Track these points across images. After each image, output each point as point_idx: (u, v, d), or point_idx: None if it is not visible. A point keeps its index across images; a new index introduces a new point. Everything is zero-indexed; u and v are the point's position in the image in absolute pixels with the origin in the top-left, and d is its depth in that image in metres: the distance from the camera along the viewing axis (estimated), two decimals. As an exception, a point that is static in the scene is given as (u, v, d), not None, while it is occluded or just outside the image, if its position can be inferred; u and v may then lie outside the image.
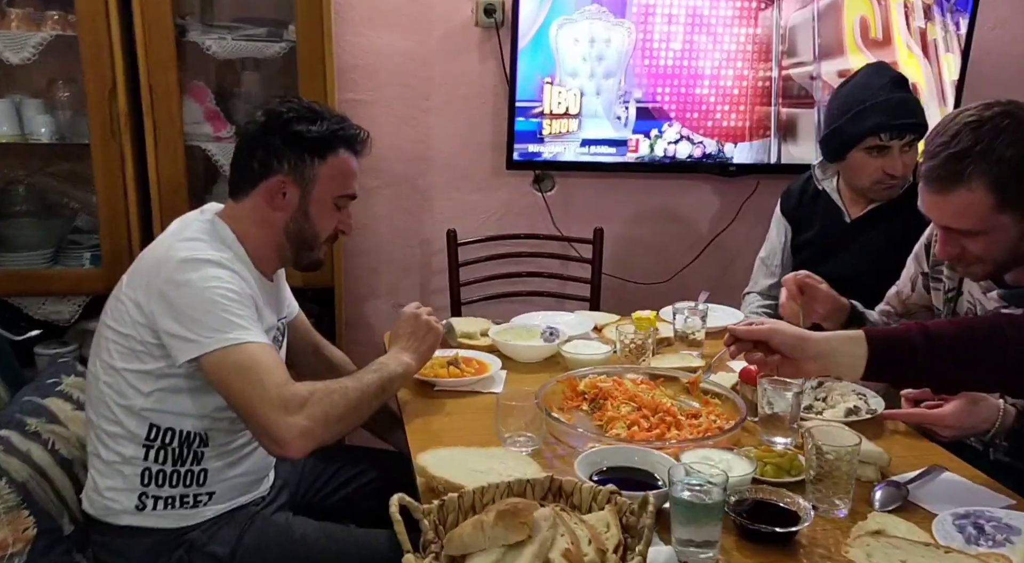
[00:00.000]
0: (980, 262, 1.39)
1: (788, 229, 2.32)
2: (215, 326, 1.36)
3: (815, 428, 1.28)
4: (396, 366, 1.53)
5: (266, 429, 1.33)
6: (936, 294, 1.66)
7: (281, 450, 1.34)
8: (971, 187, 1.29)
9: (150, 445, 1.46)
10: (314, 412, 1.35)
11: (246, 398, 1.34)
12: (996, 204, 1.30)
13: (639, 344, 1.76)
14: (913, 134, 2.03)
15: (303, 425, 1.33)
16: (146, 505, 1.46)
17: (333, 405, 1.37)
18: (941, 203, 1.35)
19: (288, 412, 1.32)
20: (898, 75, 2.08)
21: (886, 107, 2.03)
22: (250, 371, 1.34)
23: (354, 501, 1.74)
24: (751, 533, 1.16)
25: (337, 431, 1.40)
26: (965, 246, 1.37)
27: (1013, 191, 1.29)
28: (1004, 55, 2.92)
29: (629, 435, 1.44)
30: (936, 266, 1.66)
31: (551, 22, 2.62)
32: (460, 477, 1.25)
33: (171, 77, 2.27)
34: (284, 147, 1.50)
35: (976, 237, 1.35)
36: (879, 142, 2.03)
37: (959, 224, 1.35)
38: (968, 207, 1.31)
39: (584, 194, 2.93)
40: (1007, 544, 1.14)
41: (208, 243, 1.46)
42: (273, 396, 1.33)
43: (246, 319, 1.39)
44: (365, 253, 2.86)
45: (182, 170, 2.33)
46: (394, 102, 2.75)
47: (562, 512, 1.07)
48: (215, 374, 1.36)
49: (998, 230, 1.33)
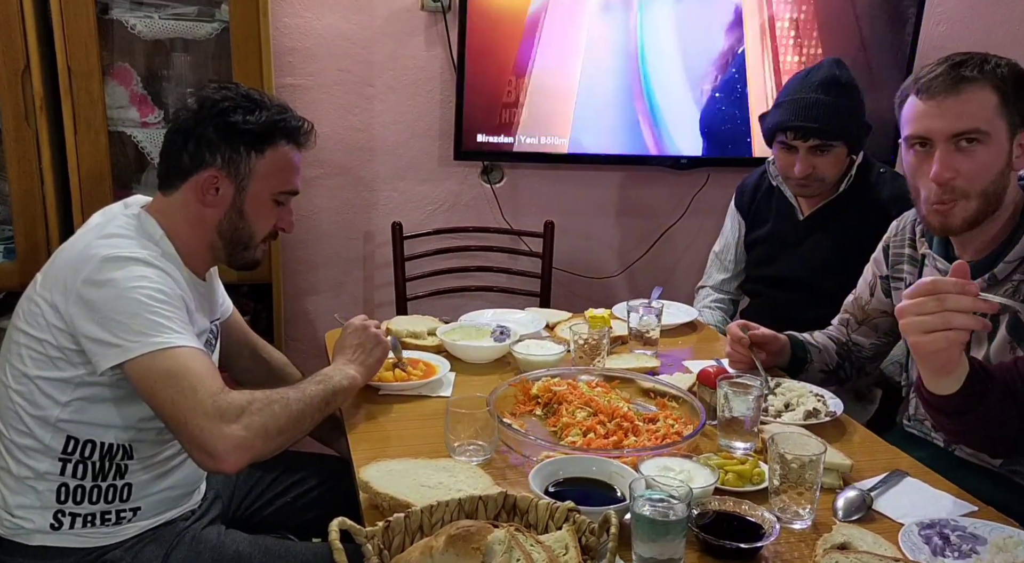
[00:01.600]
0: (965, 198, 1.38)
1: (742, 224, 2.31)
2: (141, 329, 1.25)
3: (778, 435, 1.23)
4: (342, 379, 1.44)
5: (199, 441, 1.23)
6: (898, 294, 1.65)
7: (215, 464, 1.24)
8: (978, 85, 1.35)
9: (67, 459, 1.35)
10: (252, 422, 1.25)
11: (176, 408, 1.23)
12: (999, 104, 1.35)
13: (593, 344, 1.70)
14: (818, 139, 2.01)
15: (240, 436, 1.23)
16: (63, 524, 1.35)
17: (273, 416, 1.28)
18: (948, 105, 1.36)
19: (224, 422, 1.22)
20: (832, 77, 2.04)
21: (794, 107, 2.04)
22: (180, 378, 1.24)
23: (293, 512, 1.66)
24: (715, 549, 1.11)
25: (276, 445, 1.30)
26: (960, 167, 1.37)
27: (1012, 96, 1.35)
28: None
29: (585, 443, 1.38)
30: (897, 265, 1.66)
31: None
32: (407, 493, 1.18)
33: (92, 57, 2.13)
34: (217, 139, 1.39)
35: (975, 151, 1.36)
36: (786, 140, 2.05)
37: (967, 124, 1.35)
38: (976, 104, 1.35)
39: (533, 186, 2.87)
40: (973, 555, 1.12)
41: (133, 240, 1.35)
42: (207, 405, 1.22)
43: (176, 321, 1.29)
44: (305, 247, 2.75)
45: (105, 158, 2.19)
46: (335, 88, 2.64)
47: (517, 533, 1.00)
48: (141, 382, 1.25)
49: (996, 140, 1.36)
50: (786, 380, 1.66)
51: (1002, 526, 1.18)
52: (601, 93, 2.69)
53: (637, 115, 2.73)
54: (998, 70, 1.35)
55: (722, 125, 2.79)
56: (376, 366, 1.55)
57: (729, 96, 2.77)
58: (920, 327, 1.11)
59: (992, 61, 1.37)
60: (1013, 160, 1.39)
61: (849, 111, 2.04)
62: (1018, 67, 1.38)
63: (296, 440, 1.35)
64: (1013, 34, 3.05)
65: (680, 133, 2.78)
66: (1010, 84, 1.35)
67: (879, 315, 1.73)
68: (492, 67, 2.60)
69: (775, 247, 2.21)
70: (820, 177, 2.05)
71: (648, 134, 2.76)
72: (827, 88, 2.02)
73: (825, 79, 2.03)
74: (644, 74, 2.70)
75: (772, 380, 1.63)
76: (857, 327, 1.77)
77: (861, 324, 1.76)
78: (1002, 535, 1.14)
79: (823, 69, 2.07)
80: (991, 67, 1.36)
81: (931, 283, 1.11)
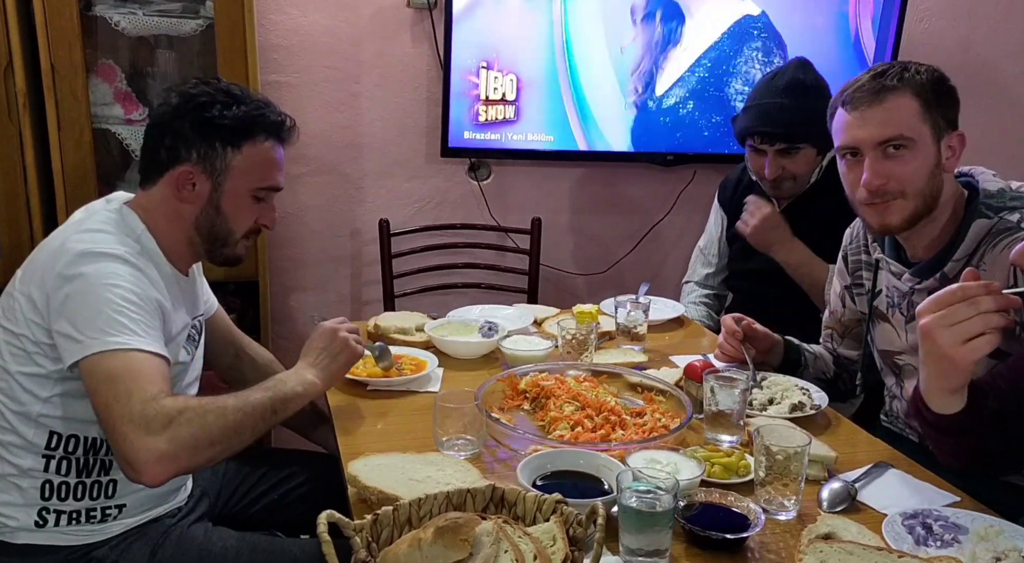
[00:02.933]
0: (900, 198, 1.41)
1: (724, 219, 2.33)
2: (101, 327, 1.22)
3: (764, 427, 1.24)
4: (296, 385, 1.36)
5: (121, 449, 1.17)
6: (860, 300, 1.68)
7: (135, 475, 1.17)
8: (900, 93, 1.40)
9: (51, 455, 1.33)
10: (178, 434, 1.17)
11: (109, 411, 1.18)
12: (921, 111, 1.39)
13: (581, 339, 1.71)
14: (784, 143, 2.03)
15: (162, 449, 1.16)
16: (47, 521, 1.34)
17: (204, 427, 1.20)
18: (872, 115, 1.40)
19: (148, 433, 1.16)
20: (796, 81, 2.06)
21: (759, 112, 2.07)
22: (119, 382, 1.19)
23: (281, 508, 1.65)
24: (701, 540, 1.11)
25: (207, 457, 1.23)
26: (890, 172, 1.40)
27: (933, 101, 1.40)
28: (936, 48, 2.98)
29: (573, 437, 1.39)
30: (856, 273, 1.68)
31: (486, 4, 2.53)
32: (395, 487, 1.18)
33: (75, 54, 2.11)
34: (193, 134, 1.37)
35: (903, 157, 1.39)
36: (754, 144, 2.09)
37: (892, 131, 1.39)
38: (899, 110, 1.39)
39: (521, 183, 2.87)
40: (955, 544, 1.13)
41: (112, 235, 1.33)
42: (135, 412, 1.17)
43: (140, 324, 1.25)
44: (291, 244, 2.74)
45: (89, 155, 2.18)
46: (321, 85, 2.63)
47: (505, 525, 1.00)
48: (87, 380, 1.22)
49: (922, 145, 1.40)
50: (772, 374, 1.67)
51: (983, 515, 1.19)
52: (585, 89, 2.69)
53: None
54: (918, 77, 1.40)
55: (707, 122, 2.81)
56: (340, 372, 1.47)
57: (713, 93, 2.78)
58: (960, 336, 1.08)
59: (912, 68, 1.41)
60: (943, 161, 1.42)
61: (814, 113, 2.03)
62: (937, 73, 1.42)
63: (236, 450, 1.28)
64: (995, 31, 3.08)
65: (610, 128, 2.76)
66: (929, 90, 1.40)
67: (855, 325, 1.74)
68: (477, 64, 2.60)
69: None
70: (791, 176, 2.08)
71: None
72: (791, 92, 2.04)
73: (789, 83, 2.05)
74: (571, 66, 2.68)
75: (759, 375, 1.64)
76: (841, 340, 1.78)
77: (844, 337, 1.77)
78: (983, 524, 1.16)
79: (788, 72, 2.09)
80: (911, 74, 1.40)
81: (959, 289, 1.09)
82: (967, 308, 1.08)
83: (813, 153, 2.07)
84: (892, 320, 1.58)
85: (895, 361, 1.60)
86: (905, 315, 1.54)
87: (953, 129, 1.43)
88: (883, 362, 1.64)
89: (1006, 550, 1.08)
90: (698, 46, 2.72)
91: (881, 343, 1.63)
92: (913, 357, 1.53)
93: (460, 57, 2.57)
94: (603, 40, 2.66)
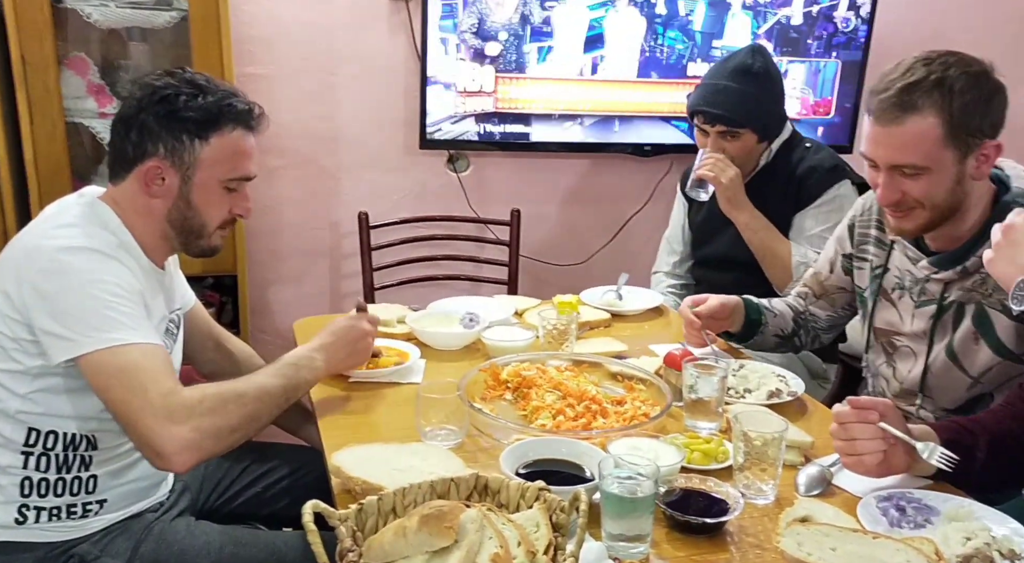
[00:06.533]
0: (919, 207, 1.40)
1: (685, 206, 2.36)
2: (95, 325, 1.23)
3: (742, 414, 1.26)
4: (307, 373, 1.42)
5: (147, 441, 1.22)
6: (860, 273, 1.67)
7: (163, 464, 1.23)
8: (923, 115, 1.33)
9: (29, 451, 1.32)
10: (202, 423, 1.23)
11: (127, 406, 1.22)
12: (943, 136, 1.33)
13: (562, 329, 1.72)
14: (724, 125, 2.06)
15: (189, 437, 1.22)
16: (27, 518, 1.33)
17: (226, 415, 1.26)
18: (891, 135, 1.35)
19: (173, 423, 1.21)
20: (744, 66, 2.07)
21: (705, 92, 2.10)
22: (132, 376, 1.22)
23: (264, 502, 1.65)
24: (682, 524, 1.13)
25: (229, 443, 1.29)
26: (906, 190, 1.39)
27: (960, 124, 1.33)
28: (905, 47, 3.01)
29: (555, 425, 1.40)
30: (862, 245, 1.67)
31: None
32: (379, 477, 1.18)
33: (47, 47, 2.09)
34: (159, 127, 1.34)
35: (919, 177, 1.36)
36: (698, 122, 2.12)
37: (906, 158, 1.36)
38: (918, 137, 1.34)
39: (500, 174, 2.88)
40: (927, 525, 1.16)
41: (88, 229, 1.32)
42: (157, 405, 1.21)
43: (132, 317, 1.26)
44: (270, 237, 2.72)
45: (63, 149, 2.15)
46: (297, 76, 2.62)
47: (489, 513, 1.01)
48: (95, 379, 1.24)
49: (940, 169, 1.36)
50: (749, 362, 1.70)
51: (954, 496, 1.23)
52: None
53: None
54: (954, 93, 1.32)
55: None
56: (344, 364, 1.53)
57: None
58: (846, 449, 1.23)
59: (949, 79, 1.32)
60: (970, 172, 1.37)
61: (757, 100, 2.07)
62: (974, 80, 1.33)
63: (252, 436, 1.33)
64: (966, 21, 3.10)
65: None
66: (959, 109, 1.32)
67: (836, 291, 1.75)
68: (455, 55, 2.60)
69: (709, 228, 2.26)
70: (730, 158, 2.10)
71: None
72: (738, 76, 2.06)
73: (737, 67, 2.07)
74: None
75: (736, 362, 1.66)
76: (815, 300, 1.79)
77: (819, 298, 1.78)
78: (954, 505, 1.19)
79: (739, 56, 2.10)
80: (948, 86, 1.32)
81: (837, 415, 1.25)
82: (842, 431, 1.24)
83: (754, 139, 2.10)
84: (899, 303, 1.57)
85: (892, 341, 1.60)
86: (915, 300, 1.53)
87: (990, 137, 1.36)
88: (877, 339, 1.64)
89: (976, 530, 1.11)
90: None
91: (880, 321, 1.62)
92: (913, 341, 1.55)
93: (437, 48, 2.57)
94: (579, 30, 2.67)
